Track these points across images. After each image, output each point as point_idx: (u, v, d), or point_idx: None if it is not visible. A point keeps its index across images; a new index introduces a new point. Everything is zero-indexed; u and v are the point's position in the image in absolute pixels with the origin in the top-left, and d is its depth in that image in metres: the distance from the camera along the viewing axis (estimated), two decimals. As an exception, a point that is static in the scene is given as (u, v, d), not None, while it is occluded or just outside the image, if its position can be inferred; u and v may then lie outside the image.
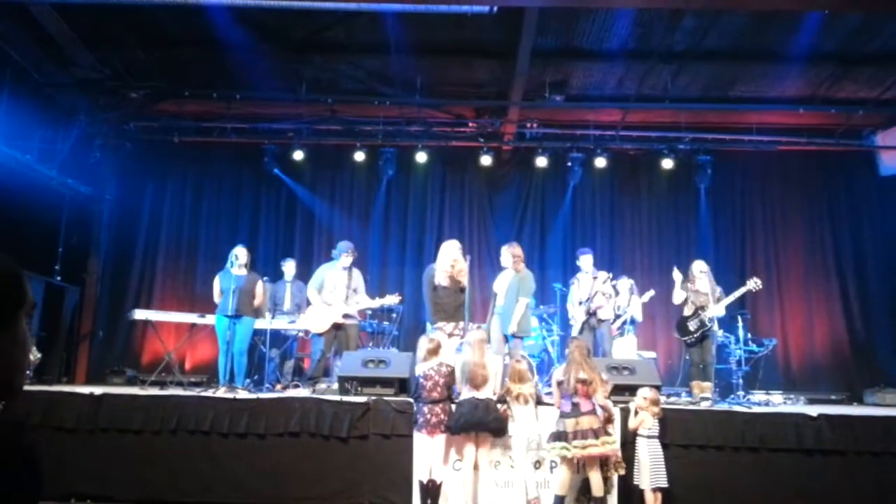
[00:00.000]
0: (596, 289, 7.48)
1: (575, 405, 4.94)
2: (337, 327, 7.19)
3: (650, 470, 5.11)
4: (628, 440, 5.34)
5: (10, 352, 1.15)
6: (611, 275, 7.77)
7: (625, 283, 8.16)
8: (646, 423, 5.22)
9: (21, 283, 1.17)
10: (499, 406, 5.25)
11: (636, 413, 5.32)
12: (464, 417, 5.07)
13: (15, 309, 1.16)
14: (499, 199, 10.55)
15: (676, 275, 7.46)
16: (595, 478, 4.87)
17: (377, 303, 7.41)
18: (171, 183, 10.49)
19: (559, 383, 5.11)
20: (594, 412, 4.93)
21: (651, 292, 8.14)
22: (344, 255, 7.37)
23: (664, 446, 5.30)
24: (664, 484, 5.14)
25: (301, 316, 7.83)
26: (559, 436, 4.92)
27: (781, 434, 5.54)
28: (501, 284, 6.74)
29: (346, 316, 7.21)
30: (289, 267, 8.58)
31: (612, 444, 4.85)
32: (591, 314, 7.50)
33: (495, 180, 10.50)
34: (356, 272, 7.48)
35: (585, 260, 7.82)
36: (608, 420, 5.06)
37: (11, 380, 1.18)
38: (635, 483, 5.17)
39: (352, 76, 9.08)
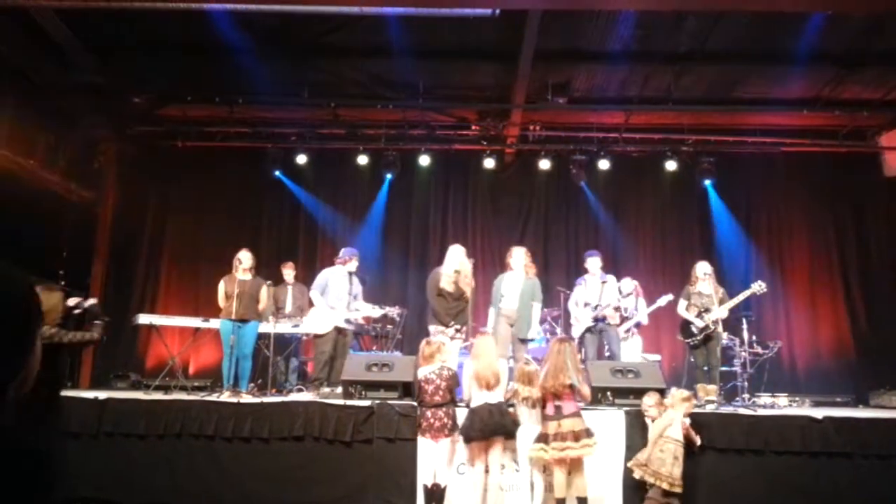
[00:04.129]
0: (608, 301, 7.43)
1: (557, 408, 4.95)
2: (338, 331, 7.21)
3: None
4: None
5: (32, 367, 1.23)
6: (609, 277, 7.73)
7: (628, 283, 8.09)
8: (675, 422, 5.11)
9: (39, 303, 1.23)
10: (510, 409, 5.24)
11: (659, 416, 5.22)
12: (481, 424, 5.02)
13: (37, 328, 1.23)
14: (502, 202, 10.53)
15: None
16: (580, 480, 4.89)
17: (378, 312, 7.55)
18: (175, 187, 10.50)
19: (545, 387, 5.06)
20: (578, 414, 4.94)
21: (669, 296, 7.91)
22: (343, 261, 7.47)
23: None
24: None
25: (304, 319, 7.83)
26: (540, 438, 4.97)
27: (787, 437, 5.51)
28: (511, 287, 6.77)
29: (347, 321, 7.28)
30: (288, 270, 8.62)
31: (591, 448, 4.87)
32: (599, 319, 7.46)
33: (498, 183, 10.48)
34: (354, 278, 7.55)
35: (593, 263, 7.75)
36: None
37: (26, 389, 1.25)
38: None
39: (355, 80, 9.08)
